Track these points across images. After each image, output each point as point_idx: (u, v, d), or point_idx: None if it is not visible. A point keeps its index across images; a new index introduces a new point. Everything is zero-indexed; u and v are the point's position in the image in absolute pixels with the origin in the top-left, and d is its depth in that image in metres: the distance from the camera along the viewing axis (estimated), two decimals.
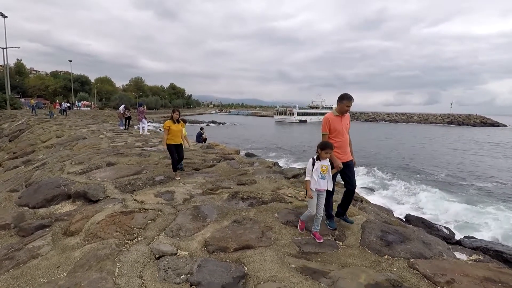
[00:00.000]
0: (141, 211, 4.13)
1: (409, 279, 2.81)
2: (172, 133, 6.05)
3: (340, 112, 3.92)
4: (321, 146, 3.50)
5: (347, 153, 3.95)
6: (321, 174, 3.48)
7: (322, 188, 3.52)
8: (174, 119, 6.14)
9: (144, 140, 12.12)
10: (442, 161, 25.36)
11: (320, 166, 3.48)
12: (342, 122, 3.91)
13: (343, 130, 3.90)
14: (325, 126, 3.89)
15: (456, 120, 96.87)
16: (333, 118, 3.91)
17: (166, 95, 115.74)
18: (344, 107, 3.85)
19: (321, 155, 3.47)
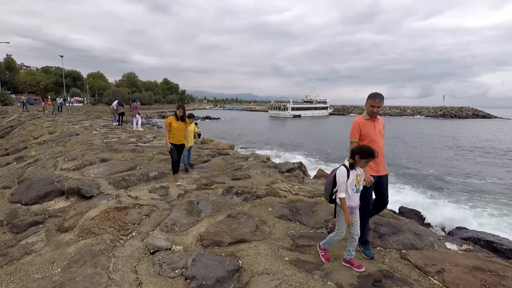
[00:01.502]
0: (135, 207, 4.13)
1: (401, 270, 2.87)
2: (173, 131, 5.45)
3: (368, 114, 3.26)
4: (362, 153, 2.76)
5: (382, 163, 3.27)
6: (356, 186, 2.80)
7: (356, 204, 2.85)
8: (178, 116, 5.53)
9: (138, 136, 12.04)
10: (436, 155, 25.69)
11: (355, 176, 2.79)
12: (375, 127, 3.25)
13: (376, 136, 3.23)
14: (354, 131, 3.25)
15: (449, 112, 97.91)
16: (363, 122, 3.25)
17: (160, 90, 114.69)
18: (369, 107, 3.23)
19: (359, 163, 2.78)
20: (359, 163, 2.78)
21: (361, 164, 2.79)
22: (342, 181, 2.74)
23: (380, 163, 3.24)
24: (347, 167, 2.78)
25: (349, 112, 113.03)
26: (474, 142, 33.03)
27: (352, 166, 2.79)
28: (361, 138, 3.23)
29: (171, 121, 5.47)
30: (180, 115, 5.52)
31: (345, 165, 2.81)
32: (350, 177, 2.75)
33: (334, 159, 21.67)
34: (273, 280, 2.56)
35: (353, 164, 2.79)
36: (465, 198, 13.26)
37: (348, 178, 2.74)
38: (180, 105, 5.60)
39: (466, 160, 23.03)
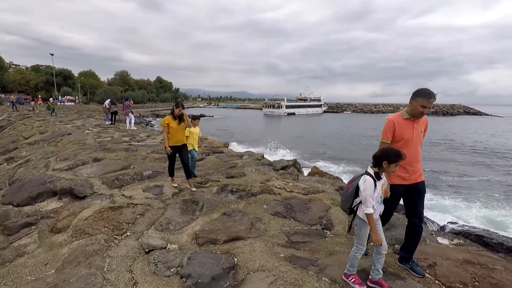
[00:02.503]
0: (129, 206, 4.11)
1: (393, 264, 2.91)
2: (172, 132, 4.97)
3: (412, 115, 2.75)
4: (389, 157, 2.35)
5: (416, 171, 2.80)
6: (381, 197, 2.45)
7: (377, 217, 2.50)
8: (175, 115, 5.00)
9: (131, 134, 11.94)
10: (429, 152, 26.03)
11: (381, 186, 2.42)
12: (414, 129, 2.76)
13: (413, 139, 2.75)
14: (387, 131, 2.78)
15: (441, 110, 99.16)
16: (400, 121, 2.78)
17: (153, 88, 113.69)
18: (418, 107, 2.67)
19: (388, 169, 2.37)
20: (388, 169, 2.37)
21: (391, 169, 2.37)
22: (369, 194, 2.32)
23: (415, 170, 2.77)
24: (373, 177, 2.36)
25: (343, 110, 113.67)
26: (466, 140, 33.55)
27: (379, 175, 2.39)
28: (394, 139, 2.77)
29: (169, 121, 4.97)
30: (179, 114, 5.01)
31: (370, 174, 2.38)
32: (377, 188, 2.36)
33: (329, 157, 21.81)
34: (269, 277, 2.58)
35: (378, 173, 2.40)
36: (456, 194, 13.48)
37: (374, 190, 2.35)
38: (179, 103, 5.10)
39: (457, 157, 23.39)
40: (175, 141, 5.05)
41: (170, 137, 4.99)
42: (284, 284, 2.48)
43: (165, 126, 4.96)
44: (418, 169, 2.82)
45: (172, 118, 5.01)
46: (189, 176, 5.12)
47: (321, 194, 4.86)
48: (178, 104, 5.06)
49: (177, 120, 5.02)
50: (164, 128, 5.00)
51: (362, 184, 2.36)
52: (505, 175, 17.32)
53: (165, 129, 4.98)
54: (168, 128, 4.96)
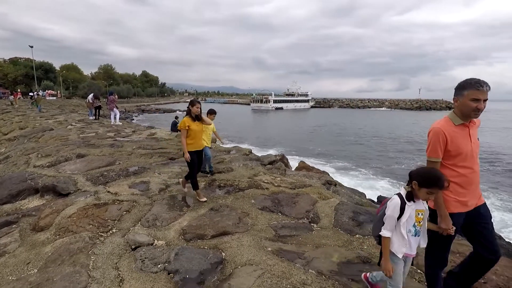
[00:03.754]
0: (115, 203, 4.04)
1: (378, 255, 2.98)
2: (192, 135, 4.29)
3: (463, 115, 2.09)
4: (422, 178, 1.93)
5: (477, 194, 2.20)
6: (415, 227, 2.02)
7: (412, 252, 2.07)
8: (193, 114, 4.34)
9: (116, 130, 11.70)
10: (413, 145, 26.71)
11: (415, 212, 2.01)
12: (470, 136, 2.12)
13: (472, 152, 2.12)
14: (437, 147, 2.09)
15: (424, 105, 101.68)
16: (452, 130, 2.09)
17: (139, 83, 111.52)
18: (469, 104, 2.02)
19: (419, 193, 1.95)
20: (419, 193, 1.95)
21: (422, 195, 1.95)
22: (390, 215, 1.99)
23: (475, 193, 2.17)
24: (403, 198, 2.00)
25: (330, 105, 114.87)
26: None
27: (411, 196, 2.00)
28: (448, 155, 2.10)
29: (189, 123, 4.27)
30: (197, 112, 4.36)
31: (400, 194, 2.03)
32: (406, 212, 1.97)
33: (316, 151, 22.05)
34: (256, 270, 2.60)
35: (411, 194, 1.99)
36: None
37: (402, 213, 1.98)
38: (196, 101, 4.47)
39: None
40: (198, 145, 4.41)
41: (190, 142, 4.30)
42: (271, 277, 2.51)
43: (185, 129, 4.26)
44: (478, 190, 2.21)
45: (191, 119, 4.32)
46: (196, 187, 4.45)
47: (308, 188, 4.92)
48: (195, 101, 4.43)
49: (196, 121, 4.37)
50: (182, 132, 4.30)
51: (388, 203, 2.04)
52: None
53: (184, 133, 4.28)
54: (188, 131, 4.28)
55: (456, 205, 2.11)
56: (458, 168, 2.09)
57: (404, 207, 1.97)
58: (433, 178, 1.90)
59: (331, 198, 4.57)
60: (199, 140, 4.44)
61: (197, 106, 4.35)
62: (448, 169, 2.11)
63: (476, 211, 2.19)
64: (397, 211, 1.97)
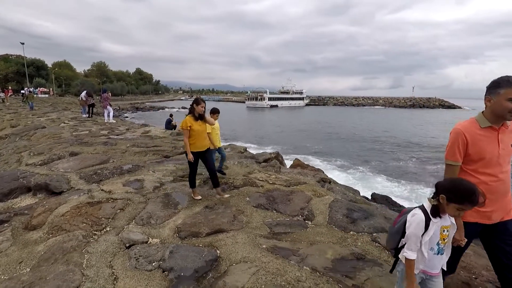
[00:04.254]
0: (109, 201, 4.01)
1: (372, 252, 3.02)
2: (194, 135, 4.16)
3: (495, 117, 1.91)
4: (452, 192, 1.64)
5: (505, 206, 2.00)
6: (439, 245, 1.76)
7: (435, 271, 1.82)
8: (197, 113, 4.19)
9: (110, 128, 11.60)
10: (408, 143, 26.97)
11: (440, 228, 1.74)
12: (499, 142, 1.94)
13: (499, 158, 1.93)
14: (455, 149, 1.96)
15: (418, 103, 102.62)
16: (475, 132, 1.94)
17: (133, 80, 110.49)
18: (504, 104, 1.83)
19: (447, 209, 1.68)
20: (448, 209, 1.68)
21: (451, 211, 1.68)
22: (413, 233, 1.71)
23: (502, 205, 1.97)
24: (427, 213, 1.72)
25: (325, 103, 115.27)
26: (442, 133, 35.02)
27: (437, 212, 1.72)
28: (468, 159, 1.94)
29: (191, 122, 4.14)
30: (201, 111, 4.20)
31: (424, 208, 1.75)
32: (430, 229, 1.70)
33: (311, 149, 22.13)
34: (251, 268, 2.61)
35: (438, 208, 1.72)
36: (432, 184, 14.09)
37: (426, 231, 1.70)
38: (201, 99, 4.27)
39: (435, 151, 24.40)
40: (200, 145, 4.25)
41: (193, 142, 4.18)
42: (266, 274, 2.52)
43: (186, 130, 4.14)
44: (507, 202, 1.98)
45: (193, 119, 4.18)
46: (217, 184, 4.41)
47: (303, 185, 4.94)
48: (199, 100, 4.24)
49: (199, 121, 4.23)
50: (184, 132, 4.18)
51: (409, 218, 1.76)
52: None
53: (186, 133, 4.16)
54: (190, 131, 4.16)
55: (473, 214, 1.92)
56: (480, 175, 1.91)
57: (428, 224, 1.70)
58: (466, 192, 1.61)
59: (326, 195, 4.59)
60: (202, 140, 4.26)
61: (201, 106, 4.18)
62: (468, 175, 1.94)
63: (503, 225, 1.96)
64: (422, 228, 1.69)
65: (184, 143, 4.21)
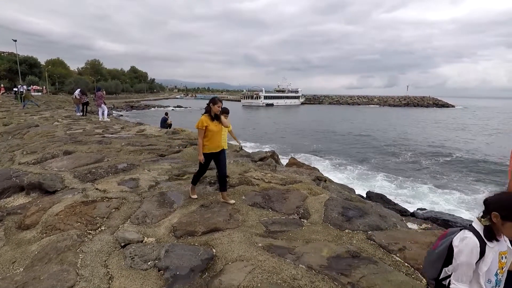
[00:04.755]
0: (103, 200, 3.98)
1: (367, 249, 3.05)
2: (209, 135, 3.98)
3: None
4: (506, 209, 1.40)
5: None
6: (497, 275, 1.47)
7: None
8: (213, 113, 4.02)
9: (104, 126, 11.49)
10: (404, 142, 27.18)
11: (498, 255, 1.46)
12: None
13: None
14: None
15: (412, 102, 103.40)
16: None
17: (127, 79, 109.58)
18: None
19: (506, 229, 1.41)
20: (504, 229, 1.41)
21: (507, 231, 1.41)
22: (465, 262, 1.41)
23: None
24: (480, 236, 1.44)
25: (320, 102, 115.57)
26: (437, 131, 35.35)
27: (492, 234, 1.43)
28: None
29: (207, 122, 3.96)
30: (218, 111, 4.03)
31: (475, 229, 1.47)
32: (487, 256, 1.42)
33: (307, 147, 22.19)
34: (247, 266, 2.61)
35: (492, 230, 1.43)
36: (429, 182, 14.21)
37: (481, 259, 1.42)
38: (218, 99, 4.09)
39: (429, 148, 24.63)
40: (214, 147, 4.06)
41: (207, 143, 3.99)
42: (262, 272, 2.53)
43: (202, 129, 3.94)
44: None
45: (209, 118, 4.00)
46: (225, 188, 4.20)
47: (298, 184, 4.95)
48: (217, 99, 4.07)
49: (215, 121, 4.05)
50: (200, 132, 3.97)
51: (457, 242, 1.45)
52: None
53: (201, 133, 3.96)
54: (205, 131, 3.96)
55: None
56: None
57: (484, 249, 1.40)
58: None
59: (321, 194, 4.61)
60: (216, 141, 4.07)
61: (219, 105, 4.02)
62: None
63: None
64: (476, 255, 1.40)
65: (198, 143, 4.03)
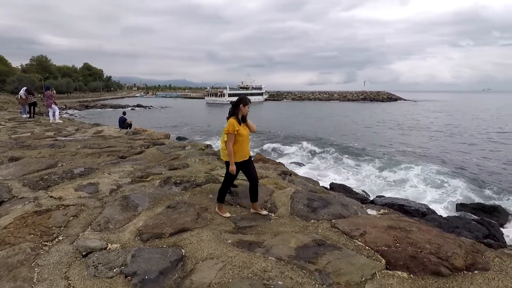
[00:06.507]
0: (60, 208, 3.72)
1: (331, 237, 3.21)
2: (240, 141, 3.54)
3: None
4: None
5: None
6: None
7: None
8: (242, 115, 3.60)
9: (56, 128, 10.68)
10: (360, 134, 28.70)
11: None
12: None
13: None
14: None
15: (369, 96, 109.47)
16: None
17: (80, 76, 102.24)
18: None
19: None
20: None
21: None
22: None
23: None
24: None
25: (283, 98, 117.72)
26: (390, 121, 37.78)
27: None
28: None
29: (238, 126, 3.50)
30: (246, 113, 3.62)
31: None
32: None
33: (272, 144, 22.51)
34: (217, 263, 2.62)
35: None
36: (387, 170, 15.19)
37: None
38: (248, 99, 3.67)
39: (387, 138, 26.30)
40: (245, 153, 3.63)
41: (237, 150, 3.53)
42: (233, 268, 2.55)
43: (232, 134, 3.45)
44: None
45: (237, 122, 3.53)
46: (256, 198, 3.78)
47: (265, 179, 5.04)
48: (247, 100, 3.63)
49: (243, 124, 3.61)
50: (230, 137, 3.46)
51: None
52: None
53: (231, 138, 3.45)
54: (235, 137, 3.48)
55: None
56: None
57: None
58: None
59: (287, 187, 4.74)
60: (247, 146, 3.67)
61: (247, 107, 3.60)
62: None
63: None
64: None
65: (228, 152, 3.47)
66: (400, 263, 2.65)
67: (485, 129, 31.13)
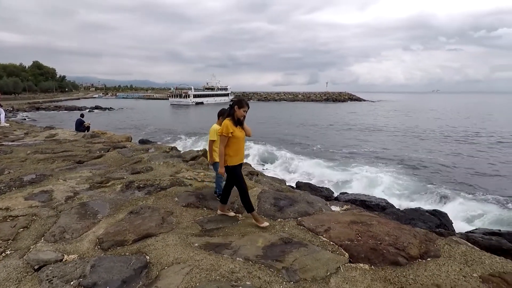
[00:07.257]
0: (7, 220, 3.40)
1: (298, 235, 3.29)
2: (235, 143, 3.42)
3: None
4: None
5: None
6: None
7: None
8: (237, 117, 3.44)
9: (2, 132, 9.72)
10: (326, 135, 29.75)
11: None
12: None
13: None
14: None
15: (331, 97, 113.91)
16: None
17: (30, 76, 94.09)
18: None
19: None
20: None
21: None
22: None
23: None
24: None
25: (249, 99, 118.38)
26: (352, 121, 39.65)
27: None
28: None
29: (233, 128, 3.37)
30: (243, 115, 3.46)
31: None
32: None
33: None
34: (184, 268, 2.56)
35: None
36: (347, 167, 15.90)
37: None
38: (246, 102, 3.52)
39: (346, 137, 27.52)
40: (242, 156, 3.54)
41: (233, 153, 3.40)
42: (200, 271, 2.51)
43: (226, 136, 3.34)
44: None
45: (233, 123, 3.39)
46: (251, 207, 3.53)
47: None
48: (244, 102, 3.49)
49: (238, 126, 3.47)
50: (222, 139, 3.35)
51: None
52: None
53: (224, 140, 3.35)
54: (229, 139, 3.36)
55: None
56: None
57: None
58: None
59: (254, 187, 4.78)
60: (243, 149, 3.57)
61: (245, 109, 3.45)
62: None
63: None
64: None
65: (219, 153, 3.38)
66: (362, 256, 2.80)
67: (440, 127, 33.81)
